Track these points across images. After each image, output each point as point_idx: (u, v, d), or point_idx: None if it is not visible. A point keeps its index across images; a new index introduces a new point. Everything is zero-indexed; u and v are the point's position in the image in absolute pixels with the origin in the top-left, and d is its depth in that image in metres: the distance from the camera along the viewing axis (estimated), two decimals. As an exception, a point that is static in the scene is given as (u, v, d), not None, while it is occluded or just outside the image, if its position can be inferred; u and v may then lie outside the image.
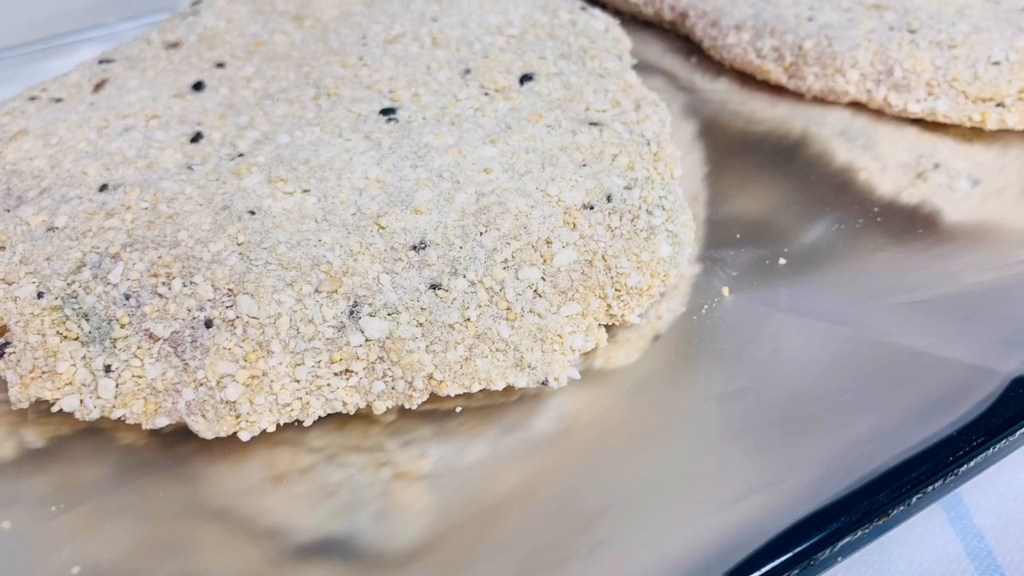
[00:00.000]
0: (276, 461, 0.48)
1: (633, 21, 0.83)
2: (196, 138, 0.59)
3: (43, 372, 0.48)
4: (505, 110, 0.61)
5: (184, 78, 0.66)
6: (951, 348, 0.52)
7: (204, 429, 0.47)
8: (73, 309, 0.49)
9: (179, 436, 0.49)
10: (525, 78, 0.64)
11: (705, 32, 0.76)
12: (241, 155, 0.58)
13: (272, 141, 0.59)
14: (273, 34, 0.71)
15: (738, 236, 0.60)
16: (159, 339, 0.48)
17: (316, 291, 0.48)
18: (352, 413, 0.49)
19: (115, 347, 0.48)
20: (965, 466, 0.46)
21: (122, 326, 0.48)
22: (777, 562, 0.42)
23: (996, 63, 0.65)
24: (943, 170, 0.65)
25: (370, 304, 0.48)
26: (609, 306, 0.51)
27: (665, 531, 0.44)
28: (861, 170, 0.65)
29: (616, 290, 0.51)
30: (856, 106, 0.70)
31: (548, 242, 0.51)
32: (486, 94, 0.62)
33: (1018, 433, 0.47)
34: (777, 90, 0.73)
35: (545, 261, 0.50)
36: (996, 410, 0.48)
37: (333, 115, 0.61)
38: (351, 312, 0.48)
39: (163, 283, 0.49)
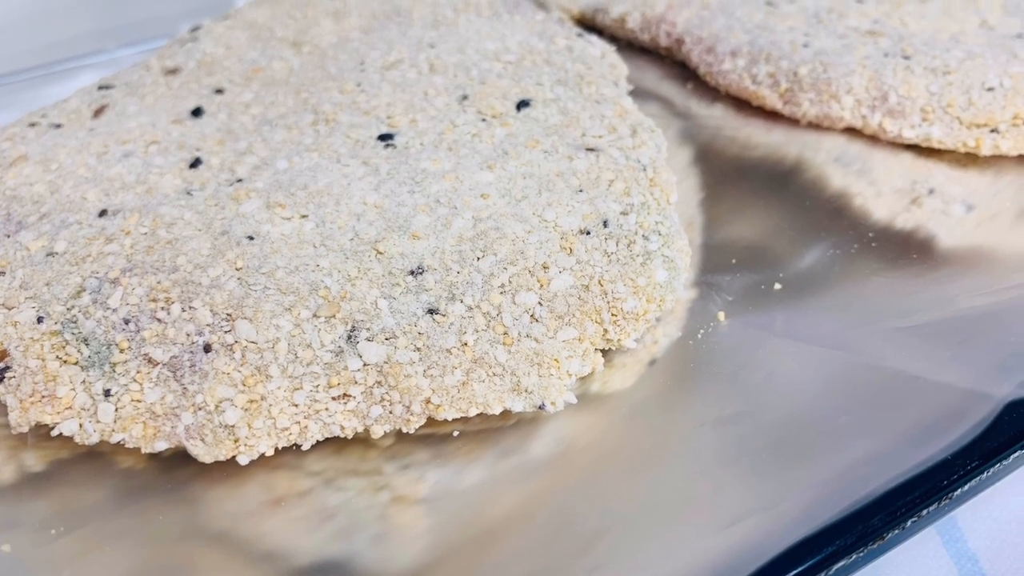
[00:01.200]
0: (275, 485, 0.49)
1: (629, 47, 0.83)
2: (195, 164, 0.59)
3: (43, 396, 0.48)
4: (502, 136, 0.61)
5: (183, 104, 0.67)
6: (945, 372, 0.52)
7: (203, 453, 0.47)
8: (73, 334, 0.49)
9: (178, 460, 0.49)
10: (522, 104, 0.64)
11: (701, 58, 0.77)
12: (240, 181, 0.58)
13: (270, 167, 0.59)
14: (271, 60, 0.71)
15: (734, 261, 0.61)
16: (158, 363, 0.48)
17: (314, 316, 0.49)
18: (350, 437, 0.49)
19: (114, 371, 0.48)
20: (959, 490, 0.46)
21: (121, 351, 0.49)
22: (773, 585, 0.42)
23: (990, 89, 0.65)
24: (938, 195, 0.65)
25: (368, 329, 0.48)
26: (605, 331, 0.51)
27: (662, 554, 0.44)
28: (856, 195, 0.65)
29: (612, 315, 0.51)
30: (851, 132, 0.70)
31: (545, 267, 0.51)
32: (483, 120, 0.63)
33: (1012, 457, 0.47)
34: (773, 116, 0.73)
35: (542, 286, 0.51)
36: (990, 434, 0.48)
37: (331, 141, 0.61)
38: (349, 337, 0.48)
39: (162, 308, 0.49)
